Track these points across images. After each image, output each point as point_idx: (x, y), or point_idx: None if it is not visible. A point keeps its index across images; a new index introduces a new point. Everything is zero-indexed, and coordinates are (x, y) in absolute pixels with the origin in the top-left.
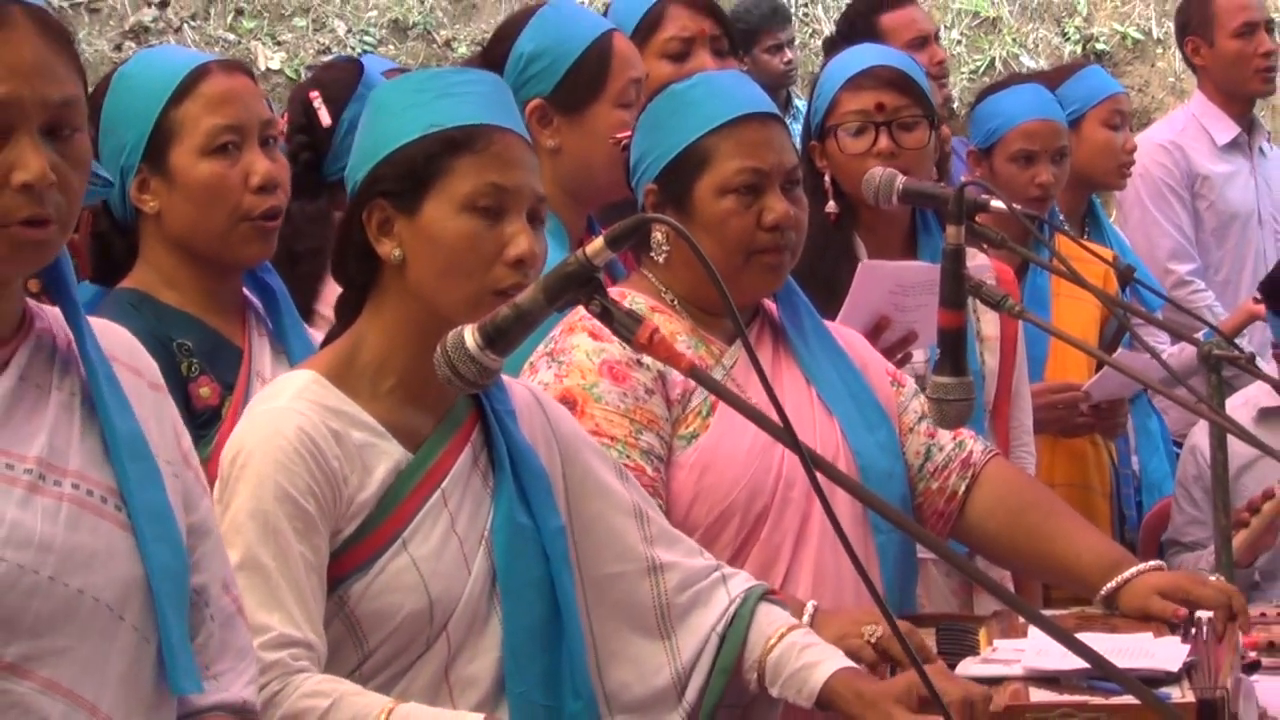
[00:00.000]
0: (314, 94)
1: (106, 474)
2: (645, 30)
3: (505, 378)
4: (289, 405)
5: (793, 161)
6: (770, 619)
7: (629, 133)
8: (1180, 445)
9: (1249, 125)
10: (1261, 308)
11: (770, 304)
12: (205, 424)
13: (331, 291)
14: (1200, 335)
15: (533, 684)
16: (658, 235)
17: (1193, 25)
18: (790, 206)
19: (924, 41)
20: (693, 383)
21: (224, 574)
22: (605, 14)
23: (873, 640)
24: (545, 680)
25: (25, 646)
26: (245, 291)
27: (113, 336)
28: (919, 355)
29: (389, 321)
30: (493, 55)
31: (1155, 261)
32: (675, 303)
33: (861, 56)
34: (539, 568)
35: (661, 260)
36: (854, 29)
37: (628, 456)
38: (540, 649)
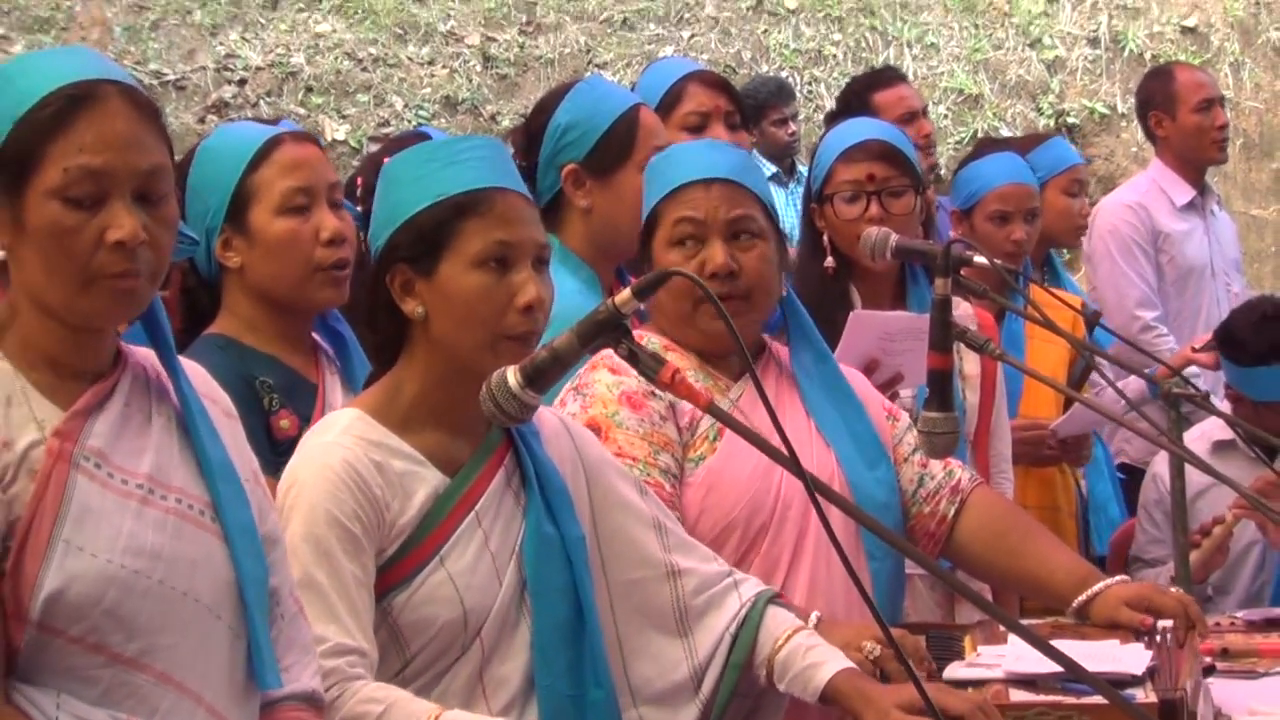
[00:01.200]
0: (387, 160)
1: (202, 490)
2: (667, 105)
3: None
4: (336, 440)
5: (735, 214)
6: (778, 621)
7: None
8: (1122, 471)
9: (1202, 189)
10: (1201, 355)
11: (780, 346)
12: (285, 452)
13: None
14: (1148, 371)
15: (559, 676)
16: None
17: (1156, 101)
18: (733, 254)
19: (913, 116)
20: (699, 411)
21: (290, 578)
22: (633, 89)
23: (872, 658)
24: (570, 672)
25: (141, 643)
26: (316, 336)
27: (193, 373)
28: (906, 393)
29: (421, 368)
30: (533, 126)
31: (1124, 309)
32: (681, 344)
33: (855, 130)
34: (564, 573)
35: (646, 307)
36: (850, 105)
37: (648, 474)
38: (565, 645)
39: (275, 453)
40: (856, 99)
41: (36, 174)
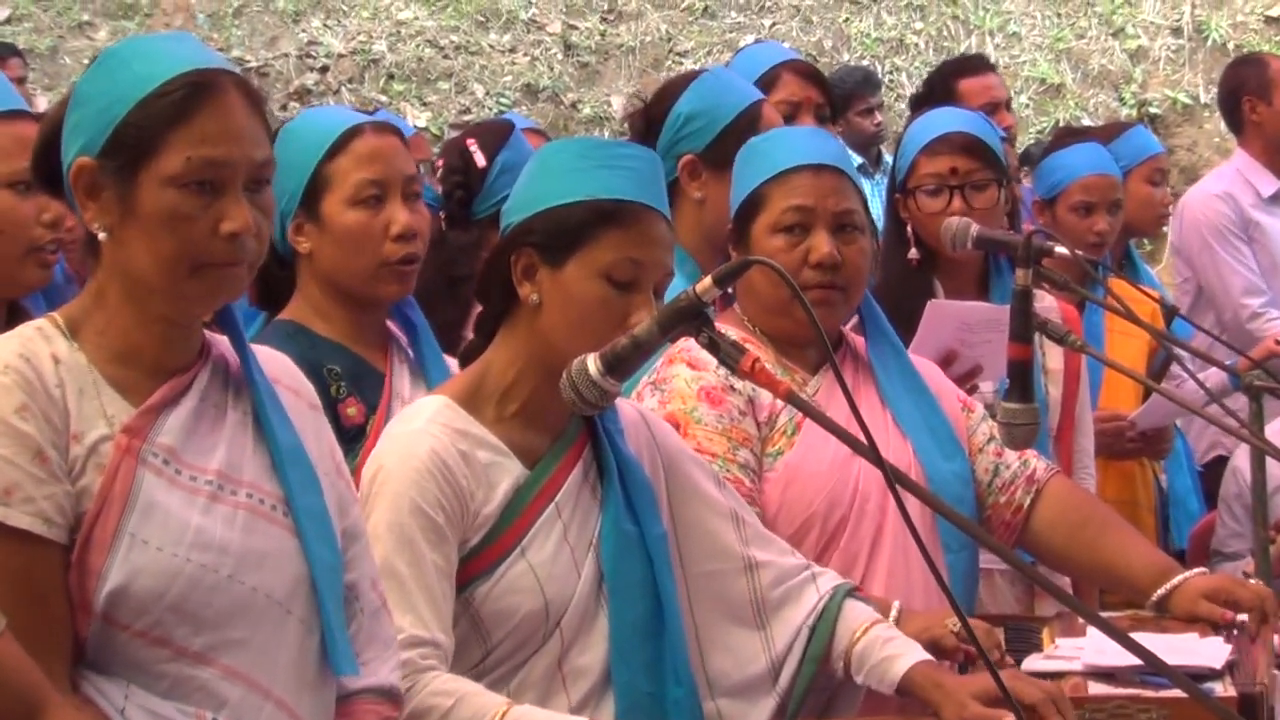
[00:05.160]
0: (471, 141)
1: (275, 485)
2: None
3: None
4: (424, 428)
5: (843, 206)
6: (856, 614)
7: None
8: (1202, 466)
9: None
10: None
11: (858, 337)
12: (352, 440)
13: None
14: (1229, 363)
15: (637, 672)
16: None
17: (1250, 87)
18: (837, 246)
19: (996, 107)
20: (778, 405)
21: (371, 573)
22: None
23: (955, 630)
24: (649, 670)
25: (209, 637)
26: (389, 324)
27: (277, 363)
28: (986, 386)
29: (516, 353)
30: (654, 112)
31: (1230, 299)
32: (759, 333)
33: (938, 122)
34: (642, 569)
35: (730, 289)
36: (935, 89)
37: (727, 470)
38: (643, 641)
39: (342, 440)
40: (942, 84)
41: (155, 159)
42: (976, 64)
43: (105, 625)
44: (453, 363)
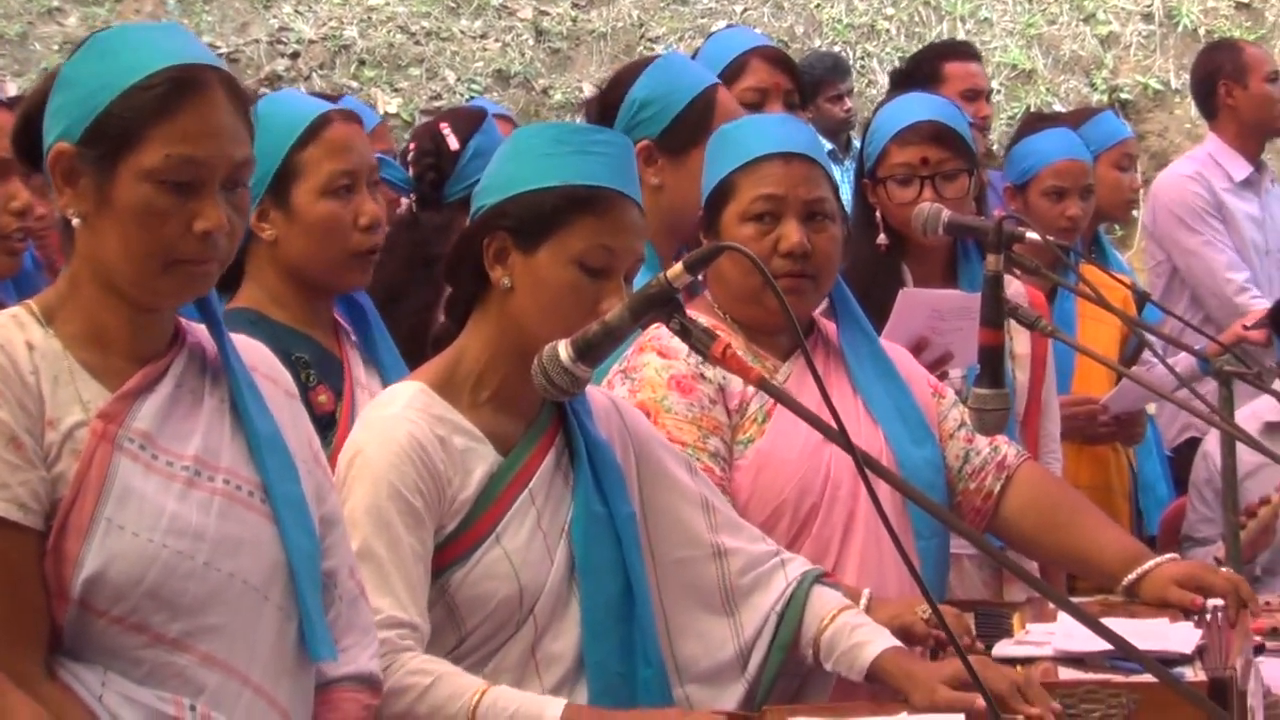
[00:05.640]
0: (444, 125)
1: (252, 471)
2: (727, 78)
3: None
4: (401, 413)
5: (814, 194)
6: (824, 600)
7: None
8: (1172, 450)
9: (1259, 165)
10: (1252, 333)
11: (829, 324)
12: (325, 427)
13: None
14: (1198, 347)
15: (609, 653)
16: None
17: (1225, 71)
18: (808, 234)
19: (976, 95)
20: (749, 393)
21: (349, 560)
22: (694, 58)
23: (925, 617)
24: (620, 650)
25: (186, 624)
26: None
27: (255, 351)
28: (955, 373)
29: (488, 338)
30: (609, 99)
31: (1214, 277)
32: (729, 320)
33: (909, 110)
34: (612, 550)
35: (700, 277)
36: (920, 67)
37: (698, 459)
38: (615, 623)
39: (316, 428)
40: (929, 64)
41: (134, 152)
42: (965, 50)
43: (82, 611)
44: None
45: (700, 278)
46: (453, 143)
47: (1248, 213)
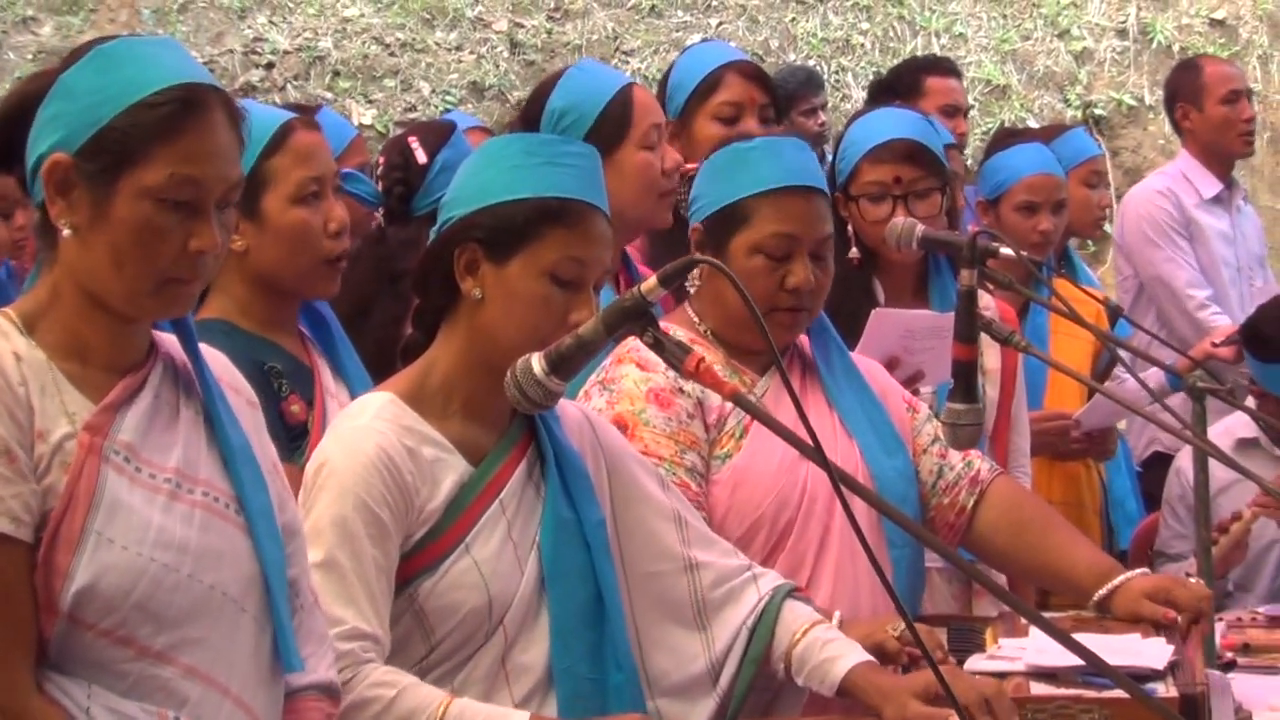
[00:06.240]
0: (413, 139)
1: (227, 483)
2: (703, 92)
3: (560, 401)
4: (370, 424)
5: (825, 233)
6: (796, 615)
7: (694, 165)
8: (1140, 464)
9: (1229, 183)
10: (1222, 350)
11: (803, 338)
12: (297, 437)
13: None
14: (1169, 363)
15: (578, 659)
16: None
17: (1183, 93)
18: (813, 273)
19: (955, 111)
20: (727, 407)
21: (307, 568)
22: (669, 74)
23: (897, 634)
24: (590, 655)
25: (170, 636)
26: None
27: (218, 361)
28: (926, 390)
29: (458, 349)
30: (529, 114)
31: (1175, 292)
32: (709, 334)
33: (882, 127)
34: (581, 555)
35: (693, 292)
36: (900, 81)
37: (674, 474)
38: (585, 628)
39: (289, 438)
40: (910, 76)
41: (137, 169)
42: (947, 66)
43: (71, 625)
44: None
45: (690, 288)
46: (420, 156)
47: (1218, 229)
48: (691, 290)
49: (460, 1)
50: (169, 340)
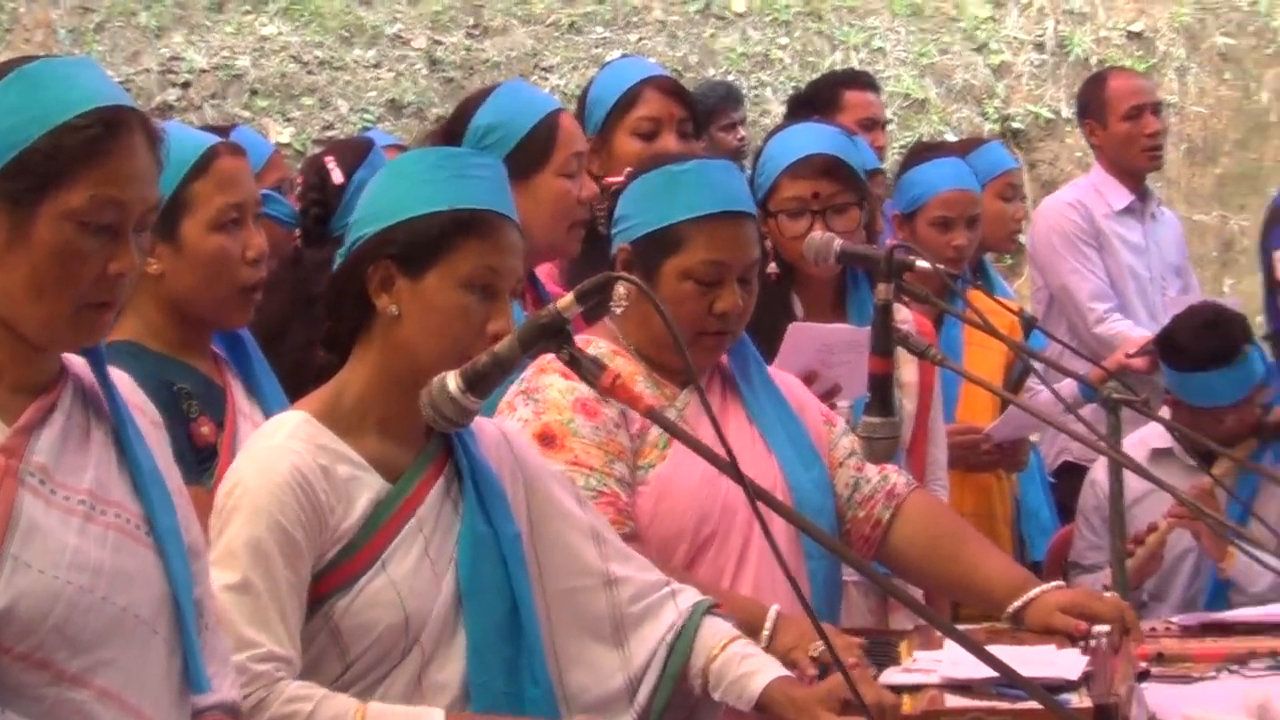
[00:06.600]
0: (329, 159)
1: (138, 504)
2: (622, 107)
3: (476, 419)
4: (284, 444)
5: (754, 258)
6: (714, 631)
7: (621, 178)
8: (1052, 475)
9: (1142, 193)
10: (1135, 360)
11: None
12: (206, 459)
13: None
14: (1082, 373)
15: (495, 674)
16: (620, 289)
17: (1089, 109)
18: (741, 298)
19: (873, 125)
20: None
21: (210, 589)
22: (588, 90)
23: (815, 655)
24: (506, 670)
25: (85, 659)
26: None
27: (122, 381)
28: (843, 404)
29: (374, 367)
30: (453, 128)
31: (1078, 304)
32: (631, 348)
33: (801, 142)
34: (498, 570)
35: (619, 312)
36: (819, 95)
37: (604, 484)
38: (501, 642)
39: (197, 460)
40: (828, 90)
41: (60, 191)
42: (863, 79)
43: None
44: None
45: (616, 309)
46: (336, 176)
47: (1129, 240)
48: (619, 311)
49: (378, 19)
50: (78, 361)
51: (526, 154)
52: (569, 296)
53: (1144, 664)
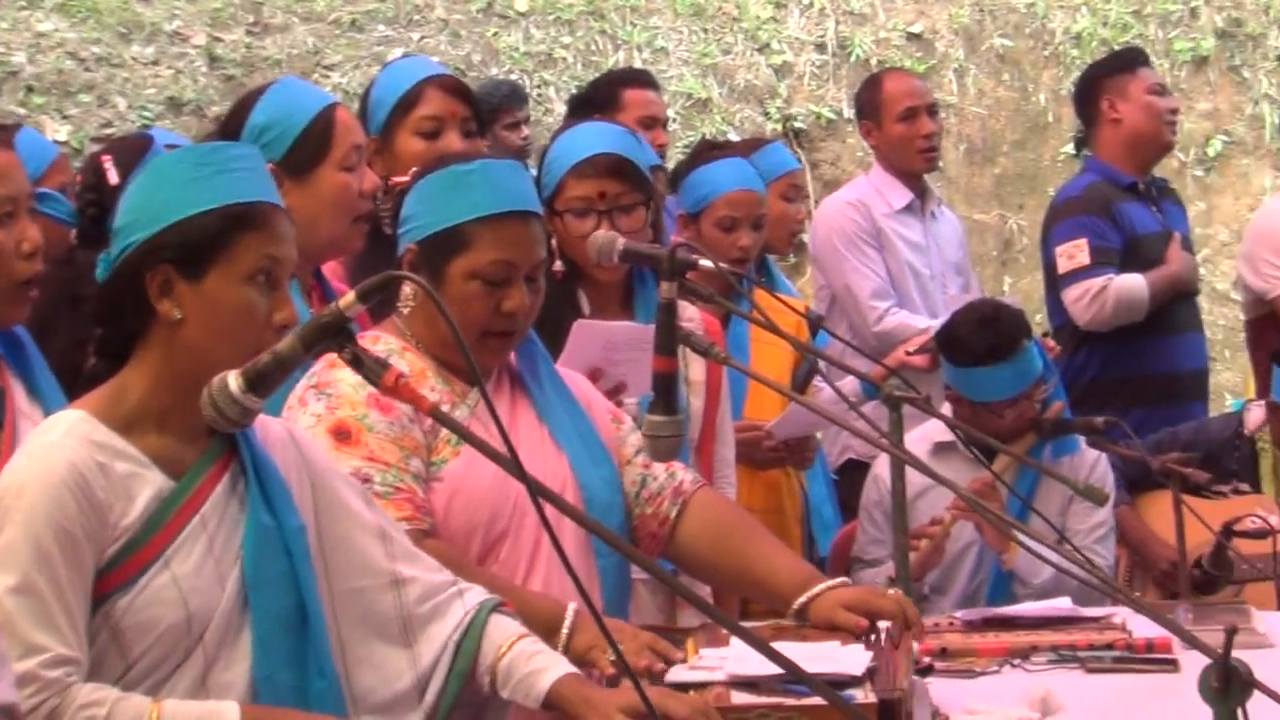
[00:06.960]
0: (106, 158)
1: None
2: (403, 107)
3: (262, 417)
4: (60, 441)
5: (541, 257)
6: (501, 629)
7: (407, 177)
8: (836, 472)
9: (921, 192)
10: (915, 358)
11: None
12: None
13: None
14: (864, 371)
15: (279, 666)
16: (407, 289)
17: (865, 110)
18: (528, 297)
19: (653, 123)
20: None
21: None
22: (369, 90)
23: (612, 660)
24: (291, 661)
25: None
26: None
27: None
28: (630, 401)
29: (157, 370)
30: (230, 128)
31: (859, 303)
32: (419, 345)
33: (586, 142)
34: (283, 562)
35: (406, 312)
36: (598, 95)
37: (401, 479)
38: (286, 634)
39: None
40: (608, 89)
41: None
42: (644, 79)
43: None
44: None
45: (404, 309)
46: (113, 176)
47: (909, 239)
48: (405, 311)
49: (157, 15)
50: None
51: (304, 150)
52: (351, 295)
53: (928, 659)
